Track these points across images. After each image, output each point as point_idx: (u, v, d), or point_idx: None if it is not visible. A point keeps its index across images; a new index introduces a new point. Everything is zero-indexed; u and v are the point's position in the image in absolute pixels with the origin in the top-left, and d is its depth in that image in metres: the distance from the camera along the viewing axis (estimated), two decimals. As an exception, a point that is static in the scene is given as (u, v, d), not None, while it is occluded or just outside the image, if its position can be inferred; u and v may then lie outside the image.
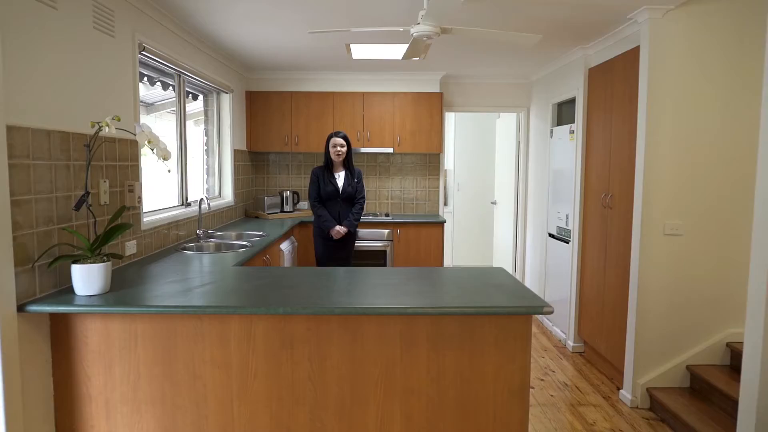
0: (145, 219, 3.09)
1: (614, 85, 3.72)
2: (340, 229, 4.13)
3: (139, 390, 2.13)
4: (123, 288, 2.27)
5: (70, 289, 2.14)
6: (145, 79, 3.77)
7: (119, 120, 2.20)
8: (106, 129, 2.03)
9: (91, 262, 2.08)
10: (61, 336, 2.12)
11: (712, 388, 3.10)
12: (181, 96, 3.94)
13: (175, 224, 3.52)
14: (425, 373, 2.14)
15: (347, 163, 4.20)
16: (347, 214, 4.20)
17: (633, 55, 3.41)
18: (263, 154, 5.78)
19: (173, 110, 4.08)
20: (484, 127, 7.04)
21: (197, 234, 3.68)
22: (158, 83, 3.94)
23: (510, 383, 2.15)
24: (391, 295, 2.23)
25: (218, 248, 3.59)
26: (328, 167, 4.18)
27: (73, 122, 2.28)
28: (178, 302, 2.08)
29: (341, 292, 2.27)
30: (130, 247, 2.86)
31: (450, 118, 6.78)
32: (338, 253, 4.23)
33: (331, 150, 4.12)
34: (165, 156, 2.18)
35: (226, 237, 4.01)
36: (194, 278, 2.51)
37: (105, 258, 2.14)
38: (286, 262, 4.26)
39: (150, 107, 4.63)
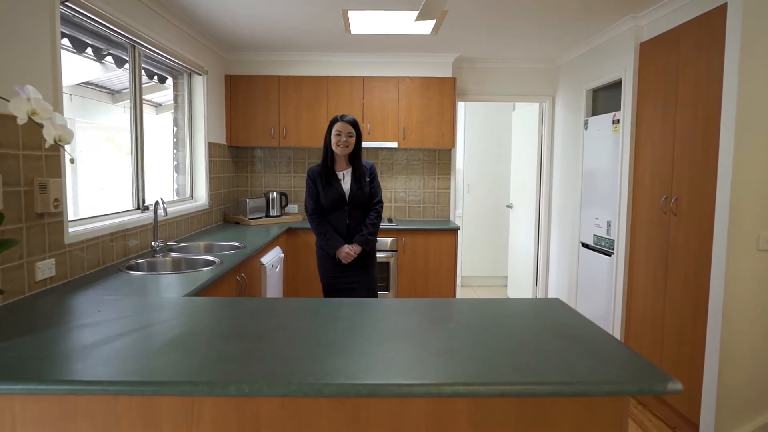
0: (72, 229, 2.31)
1: (680, 59, 2.96)
2: (350, 251, 2.99)
3: (17, 503, 1.36)
4: (1, 339, 1.50)
5: None
6: (89, 49, 3.00)
7: (-4, 84, 1.43)
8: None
9: (-65, 306, 1.31)
10: None
11: (823, 453, 2.35)
12: (136, 72, 3.16)
13: (123, 234, 2.75)
14: (465, 478, 1.37)
15: (354, 159, 3.05)
16: (360, 227, 3.07)
17: (710, 18, 2.65)
18: (246, 149, 4.99)
19: (146, 98, 3.33)
20: (497, 120, 6.25)
21: (152, 246, 2.89)
22: (109, 57, 3.17)
23: (594, 489, 1.38)
24: (412, 356, 1.45)
25: (176, 266, 2.81)
26: (328, 165, 3.02)
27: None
28: (75, 372, 1.31)
29: (334, 347, 1.50)
30: (45, 269, 2.08)
31: (459, 110, 5.99)
32: (356, 282, 3.07)
33: (334, 140, 2.93)
34: (61, 137, 1.40)
35: (191, 249, 3.22)
36: (121, 318, 1.73)
37: (-38, 297, 1.36)
38: (270, 280, 3.48)
39: (116, 95, 3.87)
